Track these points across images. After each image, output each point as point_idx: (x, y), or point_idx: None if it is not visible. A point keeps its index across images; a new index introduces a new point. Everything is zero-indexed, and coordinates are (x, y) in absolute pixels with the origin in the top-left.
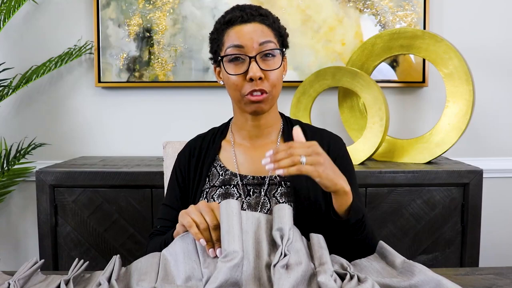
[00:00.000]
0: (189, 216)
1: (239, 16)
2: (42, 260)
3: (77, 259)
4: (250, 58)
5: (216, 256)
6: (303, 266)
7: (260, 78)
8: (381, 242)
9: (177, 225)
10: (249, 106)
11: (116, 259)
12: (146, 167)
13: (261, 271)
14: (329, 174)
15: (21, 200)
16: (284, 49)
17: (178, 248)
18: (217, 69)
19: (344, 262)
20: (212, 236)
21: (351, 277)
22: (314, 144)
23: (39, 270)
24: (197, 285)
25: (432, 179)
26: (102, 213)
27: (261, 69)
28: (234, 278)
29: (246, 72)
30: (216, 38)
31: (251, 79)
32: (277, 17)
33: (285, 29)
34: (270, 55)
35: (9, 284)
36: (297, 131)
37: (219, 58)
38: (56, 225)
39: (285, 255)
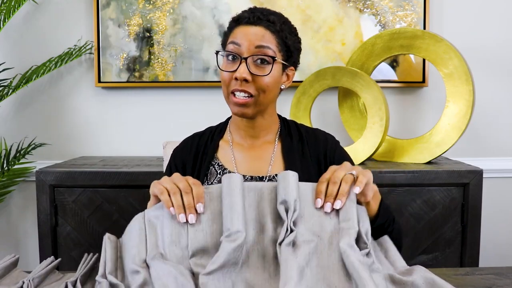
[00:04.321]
0: (160, 184)
1: (247, 17)
2: (59, 259)
3: (86, 254)
4: (242, 58)
5: (186, 222)
6: (315, 240)
7: (246, 81)
8: (386, 237)
9: (151, 195)
10: (233, 107)
11: (105, 242)
12: (146, 167)
13: (265, 248)
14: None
15: (21, 200)
16: (284, 61)
17: (165, 211)
18: None
19: (362, 233)
20: (184, 201)
21: (368, 254)
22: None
23: (55, 269)
24: (183, 253)
25: (432, 179)
26: (102, 213)
27: (250, 72)
28: (235, 258)
29: (235, 71)
30: (226, 33)
31: (237, 79)
32: (291, 27)
33: (298, 41)
34: (265, 62)
35: (23, 282)
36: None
37: (217, 51)
38: (56, 225)
39: (291, 231)
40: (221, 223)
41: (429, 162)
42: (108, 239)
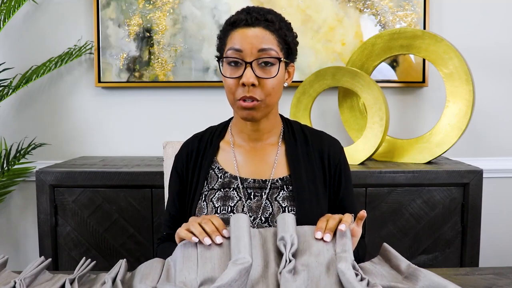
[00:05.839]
0: (184, 227)
1: (244, 19)
2: (49, 259)
3: (84, 258)
4: (246, 63)
5: (211, 244)
6: (312, 267)
7: (254, 85)
8: (385, 245)
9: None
10: (241, 112)
11: (122, 263)
12: (146, 167)
13: (269, 280)
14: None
15: (21, 200)
16: (285, 59)
17: (179, 253)
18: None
19: (355, 263)
20: (206, 229)
21: (362, 279)
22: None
23: (45, 269)
24: (191, 283)
25: (432, 179)
26: (102, 213)
27: (256, 76)
28: (242, 281)
29: (241, 76)
30: (221, 38)
31: (244, 84)
32: (287, 23)
33: (295, 36)
34: (269, 64)
35: (15, 282)
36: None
37: (219, 59)
38: (56, 225)
39: (290, 261)
40: (230, 258)
41: (429, 162)
42: (124, 262)
